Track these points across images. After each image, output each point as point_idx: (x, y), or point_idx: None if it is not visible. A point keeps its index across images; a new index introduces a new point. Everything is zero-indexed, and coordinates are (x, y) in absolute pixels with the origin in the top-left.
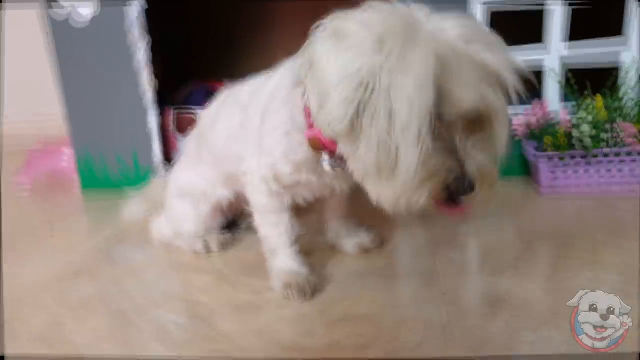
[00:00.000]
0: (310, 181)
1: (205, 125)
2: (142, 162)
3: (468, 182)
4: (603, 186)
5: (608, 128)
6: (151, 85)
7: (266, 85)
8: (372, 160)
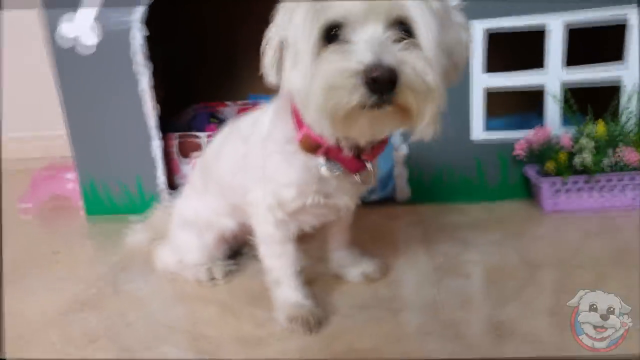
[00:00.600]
0: (315, 203)
1: (210, 157)
2: (146, 188)
3: (385, 69)
4: (606, 210)
5: (610, 153)
6: (154, 112)
7: (265, 114)
8: (297, 84)
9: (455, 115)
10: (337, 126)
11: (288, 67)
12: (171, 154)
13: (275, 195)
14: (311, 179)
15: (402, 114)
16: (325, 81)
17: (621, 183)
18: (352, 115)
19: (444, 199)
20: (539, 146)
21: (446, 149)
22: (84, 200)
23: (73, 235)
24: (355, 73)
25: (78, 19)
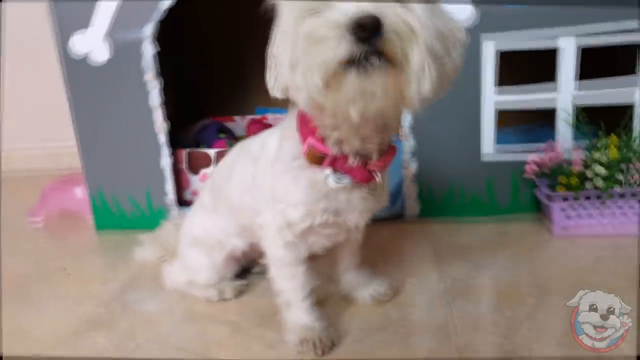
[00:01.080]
0: (324, 222)
1: (219, 178)
2: (155, 202)
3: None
4: (618, 227)
5: (623, 168)
6: (164, 128)
7: (272, 137)
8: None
9: (466, 133)
10: (327, 92)
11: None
12: (180, 169)
13: (284, 216)
14: (319, 196)
15: (392, 70)
16: (310, 36)
17: (634, 199)
18: (342, 76)
19: (454, 216)
20: (550, 163)
21: (456, 167)
22: (93, 214)
23: (82, 250)
24: (339, 24)
25: (89, 36)
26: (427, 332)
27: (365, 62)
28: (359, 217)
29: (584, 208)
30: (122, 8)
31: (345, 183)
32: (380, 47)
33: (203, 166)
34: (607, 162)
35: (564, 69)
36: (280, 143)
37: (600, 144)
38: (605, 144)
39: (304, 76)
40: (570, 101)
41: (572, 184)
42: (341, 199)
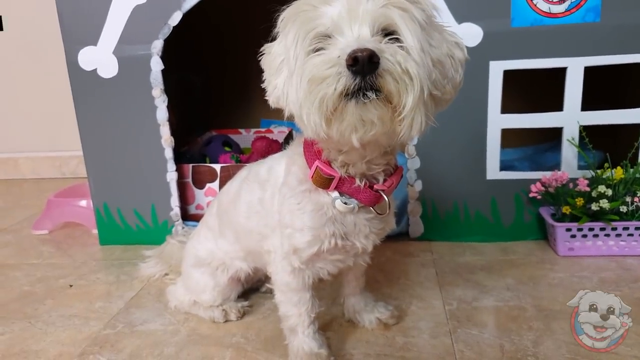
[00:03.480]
0: (332, 247)
1: (226, 201)
2: (160, 217)
3: (366, 49)
4: (623, 258)
5: (628, 201)
6: (169, 144)
7: (280, 164)
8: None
9: (471, 153)
10: (330, 123)
11: (284, 84)
12: (185, 183)
13: (290, 241)
14: (325, 220)
15: (387, 105)
16: (311, 75)
17: (639, 232)
18: (341, 108)
19: (458, 236)
20: (556, 189)
21: (461, 187)
22: (98, 228)
23: (87, 265)
24: (338, 61)
25: (96, 52)
26: (432, 358)
27: (363, 95)
28: (366, 240)
29: (589, 228)
30: (130, 24)
31: (353, 205)
32: (377, 83)
33: (208, 181)
34: (613, 194)
35: (570, 88)
36: (287, 169)
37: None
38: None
39: (308, 116)
40: (577, 125)
41: (578, 214)
42: (348, 223)
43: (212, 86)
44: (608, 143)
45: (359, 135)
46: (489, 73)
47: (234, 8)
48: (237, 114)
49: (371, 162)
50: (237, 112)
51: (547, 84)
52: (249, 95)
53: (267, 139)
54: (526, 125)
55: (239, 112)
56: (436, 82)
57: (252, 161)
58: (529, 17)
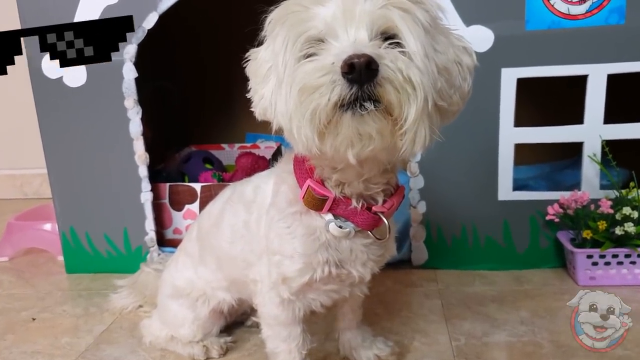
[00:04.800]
0: (326, 276)
1: (207, 224)
2: (133, 242)
3: (363, 55)
4: None
5: None
6: (144, 161)
7: (267, 183)
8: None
9: (481, 171)
10: (323, 137)
11: (272, 94)
12: (162, 205)
13: (279, 269)
14: (318, 246)
15: (387, 117)
16: (302, 84)
17: None
18: (335, 120)
19: (466, 264)
20: (575, 211)
21: (470, 208)
22: (64, 254)
23: (52, 295)
24: (332, 69)
25: None
26: None
27: (360, 106)
28: (364, 268)
29: (613, 254)
30: None
31: (349, 229)
32: (375, 93)
33: (187, 202)
34: None
35: (591, 99)
36: (275, 189)
37: (632, 197)
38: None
39: (298, 129)
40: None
41: (599, 233)
42: (344, 249)
43: (192, 96)
44: (634, 160)
45: (355, 151)
46: (500, 81)
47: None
48: (220, 127)
49: (369, 181)
50: (219, 126)
51: (566, 94)
52: (232, 106)
53: (253, 155)
54: (542, 139)
55: (222, 126)
56: (442, 91)
57: (237, 180)
58: (546, 19)
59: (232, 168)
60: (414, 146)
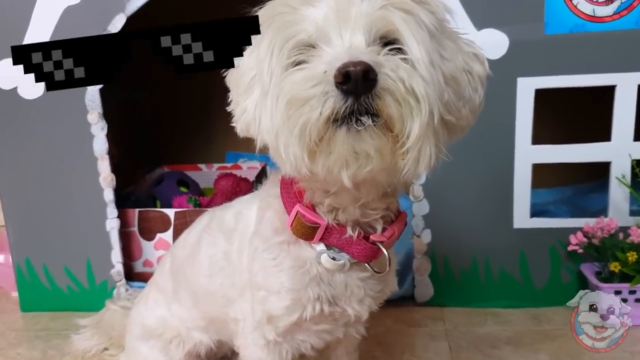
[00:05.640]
0: (317, 315)
1: (182, 255)
2: (98, 276)
3: (360, 63)
4: None
5: None
6: (109, 183)
7: (250, 208)
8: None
9: (494, 195)
10: (314, 157)
11: (256, 107)
12: (130, 233)
13: (264, 307)
14: (308, 280)
15: (387, 133)
16: (290, 96)
17: None
18: (328, 137)
19: (477, 301)
20: (602, 240)
21: (481, 238)
22: (19, 290)
23: (5, 337)
24: (324, 78)
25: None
26: None
27: (356, 120)
28: (361, 305)
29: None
30: (60, 30)
31: (343, 261)
32: (374, 105)
33: (159, 230)
34: None
35: (619, 113)
36: (260, 215)
37: None
38: None
39: (286, 147)
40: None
41: (629, 265)
42: (338, 283)
43: (164, 109)
44: None
45: (351, 172)
46: (516, 93)
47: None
48: (196, 145)
49: (367, 207)
50: (196, 143)
51: (591, 107)
52: (210, 121)
53: (234, 177)
54: (564, 159)
55: (199, 143)
56: (449, 104)
57: (215, 205)
58: (568, 22)
59: (211, 191)
60: (418, 166)
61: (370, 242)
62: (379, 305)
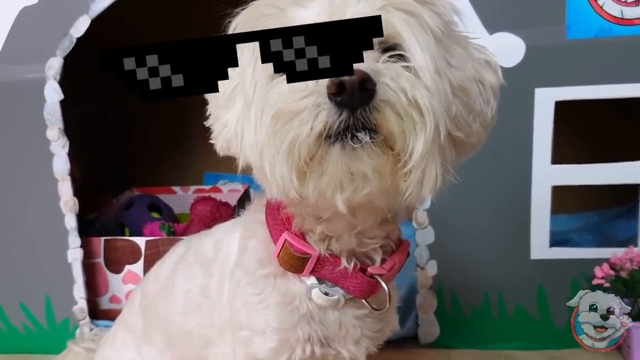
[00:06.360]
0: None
1: (154, 291)
2: (58, 314)
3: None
4: None
5: None
6: (72, 206)
7: (232, 237)
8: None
9: (509, 221)
10: (304, 178)
11: (238, 122)
12: (95, 265)
13: (247, 349)
14: (297, 318)
15: (387, 151)
16: (277, 108)
17: None
18: (320, 156)
19: (489, 342)
20: (631, 273)
21: (494, 270)
22: None
23: None
24: (315, 89)
25: None
26: None
27: (352, 137)
28: (357, 347)
29: None
30: (15, 34)
31: (337, 297)
32: (372, 120)
33: (128, 261)
34: None
35: None
36: (242, 245)
37: None
38: None
39: (272, 167)
40: None
41: None
42: (331, 322)
43: (134, 125)
44: None
45: (346, 195)
46: (534, 105)
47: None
48: (170, 164)
49: (364, 235)
50: (169, 162)
51: (619, 122)
52: (186, 137)
53: (213, 201)
54: (588, 181)
55: (173, 162)
56: (458, 118)
57: (192, 232)
58: (592, 25)
59: (186, 217)
60: (422, 189)
61: (367, 275)
62: (377, 346)
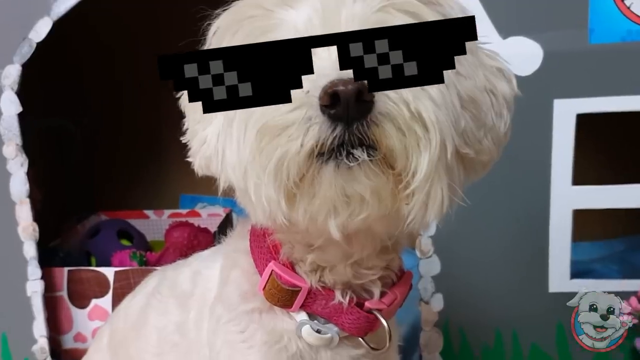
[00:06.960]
0: None
1: (124, 328)
2: (16, 354)
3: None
4: None
5: None
6: (32, 233)
7: (211, 267)
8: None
9: (524, 250)
10: (293, 201)
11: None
12: (57, 299)
13: None
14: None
15: (387, 171)
16: (263, 122)
17: None
18: (311, 175)
19: None
20: None
21: (507, 305)
22: None
23: None
24: (306, 100)
25: None
26: None
27: (347, 154)
28: None
29: None
30: None
31: (330, 335)
32: (370, 135)
33: (95, 295)
34: None
35: None
36: (223, 277)
37: None
38: None
39: (257, 188)
40: None
41: None
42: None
43: (102, 141)
44: None
45: (340, 221)
46: (552, 118)
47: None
48: (142, 186)
49: (360, 265)
50: (141, 184)
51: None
52: (160, 156)
53: (191, 227)
54: (613, 204)
55: (145, 184)
56: (467, 133)
57: (167, 262)
58: (619, 29)
59: (161, 245)
60: (426, 213)
61: (365, 311)
62: None
